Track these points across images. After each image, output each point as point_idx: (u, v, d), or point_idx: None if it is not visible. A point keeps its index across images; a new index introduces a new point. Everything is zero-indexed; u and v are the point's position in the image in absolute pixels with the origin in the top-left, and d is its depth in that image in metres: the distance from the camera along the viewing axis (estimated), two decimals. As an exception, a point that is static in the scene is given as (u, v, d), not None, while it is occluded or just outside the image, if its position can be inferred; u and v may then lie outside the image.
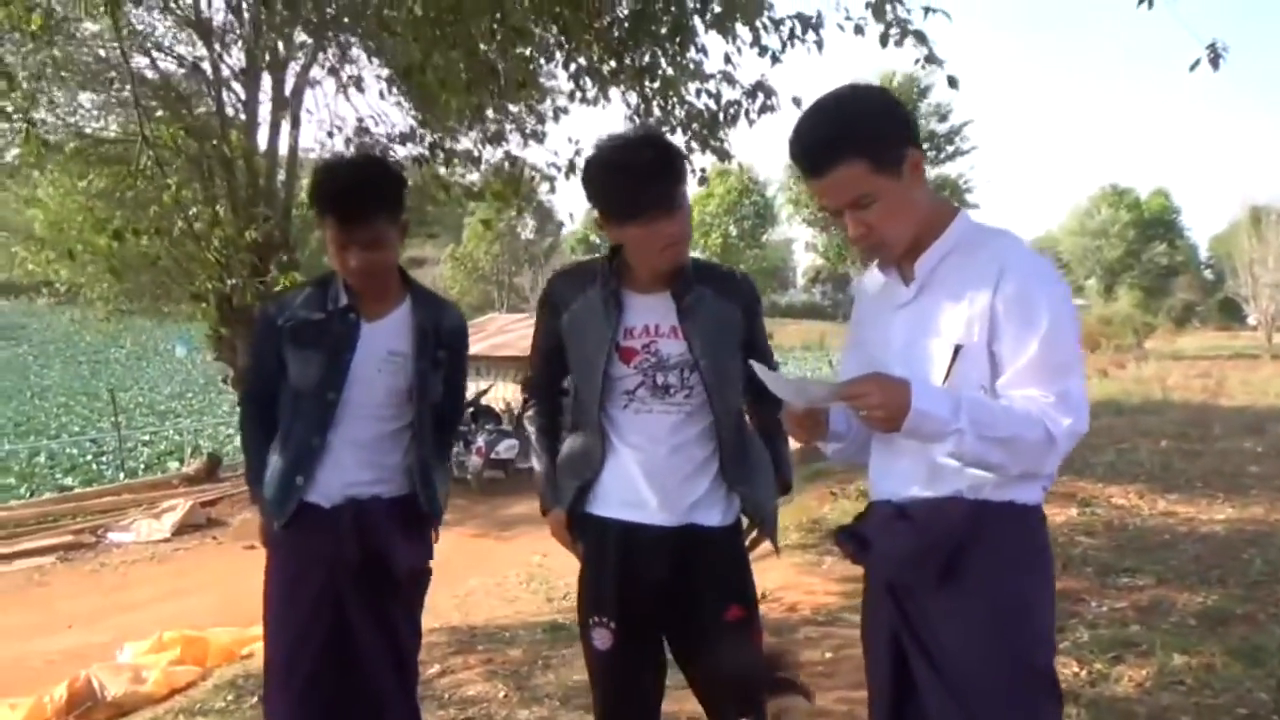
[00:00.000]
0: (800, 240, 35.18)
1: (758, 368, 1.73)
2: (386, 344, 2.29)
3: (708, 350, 2.09)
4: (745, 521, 2.23)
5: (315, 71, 9.03)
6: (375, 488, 2.33)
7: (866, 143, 1.59)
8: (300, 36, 7.94)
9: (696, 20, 4.73)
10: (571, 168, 5.40)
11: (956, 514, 1.65)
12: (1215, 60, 3.68)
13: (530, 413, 2.37)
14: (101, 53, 10.01)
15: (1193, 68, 3.72)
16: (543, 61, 5.07)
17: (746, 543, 2.24)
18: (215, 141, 7.60)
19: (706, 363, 2.08)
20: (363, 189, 2.17)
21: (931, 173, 30.89)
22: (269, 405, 2.38)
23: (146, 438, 19.09)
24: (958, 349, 1.61)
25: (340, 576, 2.29)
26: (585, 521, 2.21)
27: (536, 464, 2.34)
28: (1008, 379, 1.59)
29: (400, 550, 2.33)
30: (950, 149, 31.07)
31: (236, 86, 10.72)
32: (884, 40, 4.28)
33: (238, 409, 2.55)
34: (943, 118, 31.08)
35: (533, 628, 5.07)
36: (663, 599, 2.14)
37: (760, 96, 4.87)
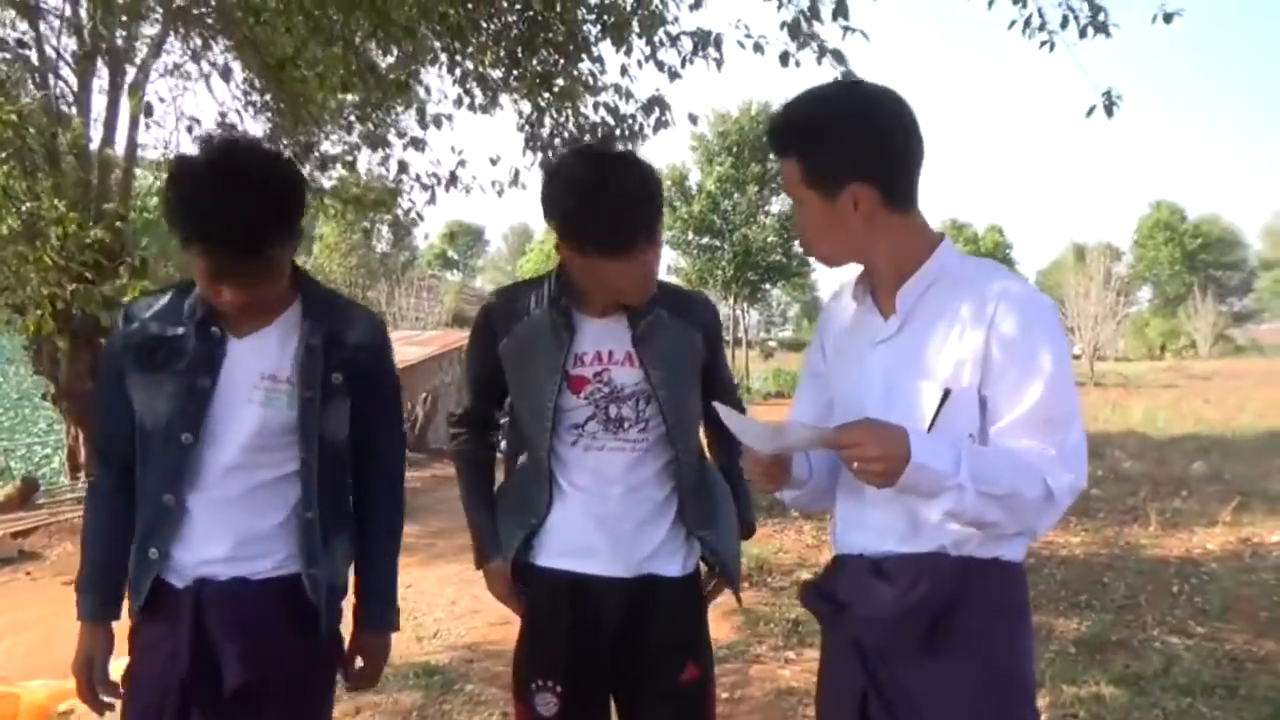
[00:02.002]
0: (663, 261, 35.55)
1: (723, 410, 1.53)
2: (259, 366, 1.73)
3: (667, 380, 1.88)
4: (704, 569, 2.02)
5: (165, 62, 8.31)
6: (240, 565, 1.74)
7: (805, 150, 1.51)
8: (149, 28, 7.23)
9: (592, 30, 4.54)
10: (453, 179, 5.10)
11: (941, 572, 1.51)
12: (1109, 107, 3.78)
13: (461, 450, 2.09)
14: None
15: (1088, 113, 3.82)
16: (426, 63, 4.74)
17: (706, 592, 2.03)
18: (54, 132, 6.78)
19: (665, 393, 1.87)
20: (252, 211, 1.56)
21: (789, 201, 32.02)
22: (127, 471, 1.78)
23: (-54, 458, 17.15)
24: (947, 393, 1.47)
25: (190, 691, 1.72)
26: (528, 573, 1.96)
27: (469, 508, 2.06)
28: (1004, 428, 1.45)
29: (243, 655, 1.71)
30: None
31: (67, 74, 9.77)
32: (784, 60, 4.20)
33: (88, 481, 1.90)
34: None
35: (404, 673, 4.66)
36: (614, 657, 1.91)
37: (656, 111, 4.72)
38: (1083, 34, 4.20)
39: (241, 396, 1.73)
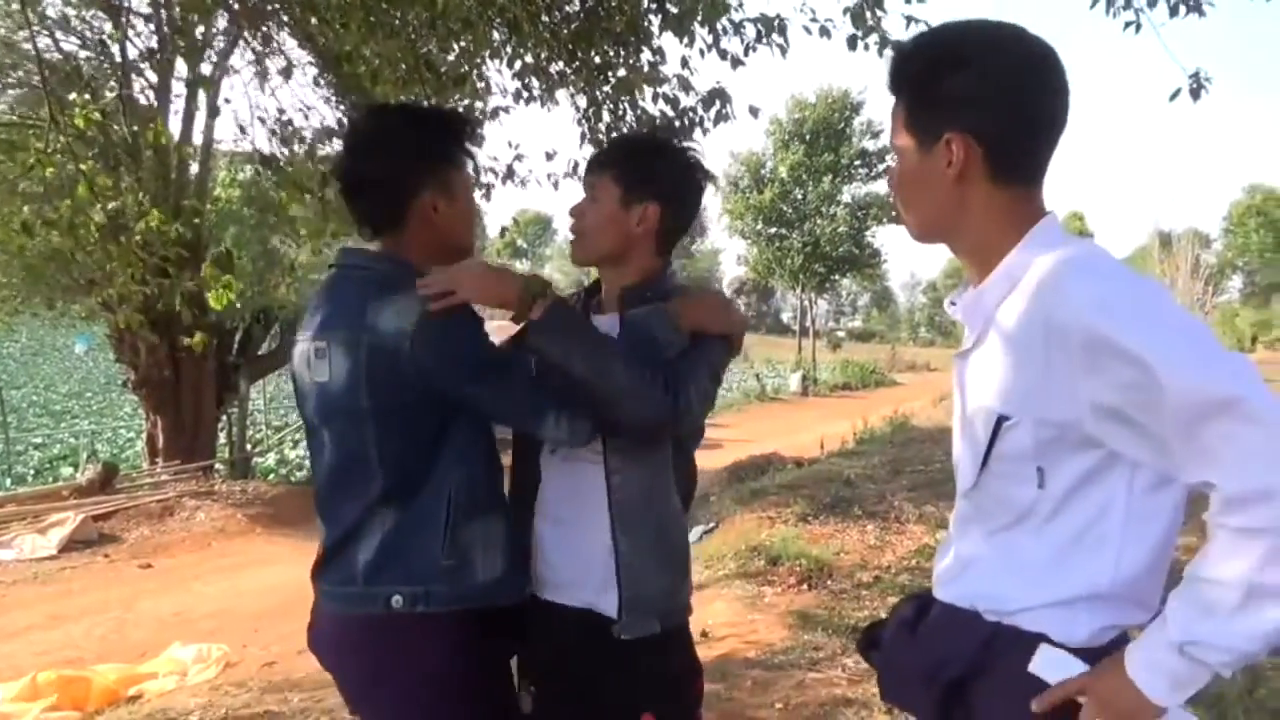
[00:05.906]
0: (728, 250, 35.47)
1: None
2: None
3: None
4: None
5: (235, 59, 8.50)
6: None
7: (913, 87, 1.28)
8: (220, 22, 7.38)
9: (652, 20, 4.44)
10: (510, 173, 5.06)
11: (966, 636, 1.27)
12: (1196, 90, 3.55)
13: None
14: (-2, 31, 9.31)
15: (1172, 97, 3.59)
16: (486, 57, 4.69)
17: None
18: (134, 127, 6.95)
19: None
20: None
21: (861, 190, 31.59)
22: None
23: (39, 440, 17.92)
24: (1000, 421, 1.20)
25: None
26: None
27: None
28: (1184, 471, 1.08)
29: None
30: (881, 166, 31.23)
31: (148, 71, 10.07)
32: (852, 43, 4.04)
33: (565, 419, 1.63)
34: (874, 135, 31.34)
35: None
36: (574, 695, 1.76)
37: (716, 104, 4.59)
38: (1173, 12, 3.94)
39: None
